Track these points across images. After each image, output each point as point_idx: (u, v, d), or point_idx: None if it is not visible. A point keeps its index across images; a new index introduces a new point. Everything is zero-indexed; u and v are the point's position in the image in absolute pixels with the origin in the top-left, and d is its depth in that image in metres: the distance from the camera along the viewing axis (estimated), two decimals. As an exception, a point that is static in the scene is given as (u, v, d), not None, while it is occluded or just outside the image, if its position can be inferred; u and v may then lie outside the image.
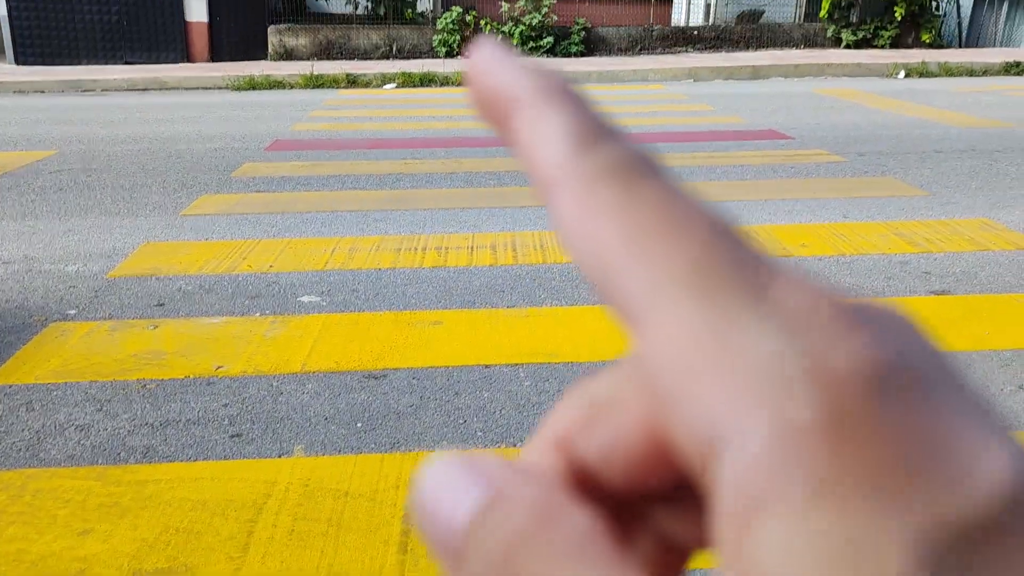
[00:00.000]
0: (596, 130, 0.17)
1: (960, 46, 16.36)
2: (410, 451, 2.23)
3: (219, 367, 2.70)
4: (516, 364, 2.72)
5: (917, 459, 0.12)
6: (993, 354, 2.76)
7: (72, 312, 3.19)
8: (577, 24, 14.31)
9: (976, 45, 16.64)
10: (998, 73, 12.05)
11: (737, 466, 0.13)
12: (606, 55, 14.52)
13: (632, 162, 0.16)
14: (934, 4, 14.78)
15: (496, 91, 0.18)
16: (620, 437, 0.17)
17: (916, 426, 0.13)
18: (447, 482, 0.16)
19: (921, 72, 11.93)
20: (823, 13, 14.60)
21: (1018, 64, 12.08)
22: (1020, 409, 2.43)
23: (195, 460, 2.20)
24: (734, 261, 0.15)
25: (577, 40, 14.23)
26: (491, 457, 0.17)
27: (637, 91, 10.67)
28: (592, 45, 14.61)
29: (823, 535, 0.12)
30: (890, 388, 0.13)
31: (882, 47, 14.59)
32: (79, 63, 13.64)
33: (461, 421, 2.38)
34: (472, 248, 3.92)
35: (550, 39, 14.05)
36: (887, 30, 14.51)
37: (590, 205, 0.16)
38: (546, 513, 0.15)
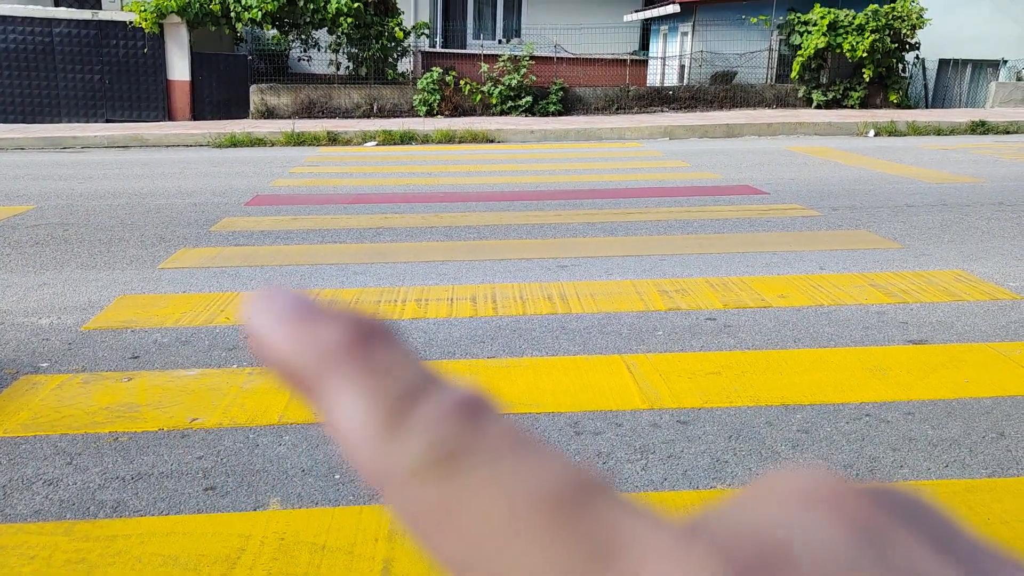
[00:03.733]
0: (402, 400, 0.15)
1: (927, 106, 16.86)
2: (389, 503, 2.17)
3: (194, 419, 2.65)
4: (497, 414, 2.68)
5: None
6: (974, 402, 2.77)
7: (44, 365, 3.13)
8: (555, 84, 14.62)
9: (942, 106, 17.16)
10: (964, 132, 12.38)
11: None
12: (584, 114, 14.79)
13: (451, 438, 0.15)
14: (901, 66, 15.27)
15: (282, 363, 0.16)
16: None
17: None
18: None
19: (890, 131, 12.24)
20: (794, 75, 15.03)
21: (983, 123, 12.45)
22: (1002, 456, 2.42)
23: (167, 514, 2.13)
24: (600, 539, 0.15)
25: (555, 100, 14.53)
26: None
27: (615, 149, 10.83)
28: (570, 104, 14.91)
29: None
30: None
31: (852, 107, 15.00)
32: (60, 121, 13.69)
33: (441, 472, 2.33)
34: (452, 300, 3.92)
35: (529, 99, 14.33)
36: (856, 91, 14.96)
37: (427, 512, 0.15)
38: None
